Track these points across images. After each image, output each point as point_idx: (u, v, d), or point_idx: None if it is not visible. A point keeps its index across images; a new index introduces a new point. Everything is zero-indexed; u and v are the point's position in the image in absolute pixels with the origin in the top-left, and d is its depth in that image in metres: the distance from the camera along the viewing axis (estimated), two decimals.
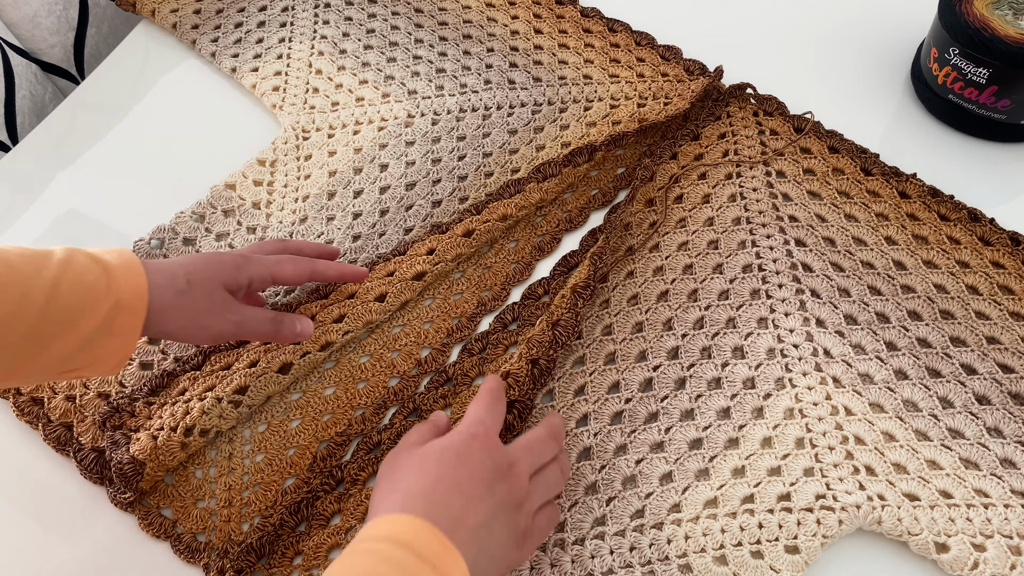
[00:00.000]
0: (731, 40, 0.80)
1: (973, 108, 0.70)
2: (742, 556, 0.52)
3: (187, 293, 0.52)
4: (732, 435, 0.57)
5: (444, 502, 0.45)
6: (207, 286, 0.53)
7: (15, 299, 0.46)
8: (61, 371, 0.49)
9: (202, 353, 0.60)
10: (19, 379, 0.49)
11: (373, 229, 0.69)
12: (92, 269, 0.49)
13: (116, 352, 0.50)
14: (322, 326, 0.61)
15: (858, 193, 0.68)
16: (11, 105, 0.82)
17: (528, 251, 0.68)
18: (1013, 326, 0.61)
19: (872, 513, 0.53)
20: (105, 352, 0.50)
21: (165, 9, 0.84)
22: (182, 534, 0.56)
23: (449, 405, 0.61)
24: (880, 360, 0.60)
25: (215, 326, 0.54)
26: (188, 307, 0.52)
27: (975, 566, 0.51)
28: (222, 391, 0.57)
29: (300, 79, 0.79)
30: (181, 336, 0.54)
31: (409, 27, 0.83)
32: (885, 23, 0.81)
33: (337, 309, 0.61)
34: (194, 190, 0.72)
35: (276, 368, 0.59)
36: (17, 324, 0.46)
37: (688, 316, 0.63)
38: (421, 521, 0.43)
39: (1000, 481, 0.54)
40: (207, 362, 0.60)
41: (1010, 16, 0.67)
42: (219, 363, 0.60)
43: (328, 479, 0.57)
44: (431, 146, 0.74)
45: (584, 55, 0.79)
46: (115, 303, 0.49)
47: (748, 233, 0.67)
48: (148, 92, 0.80)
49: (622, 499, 0.55)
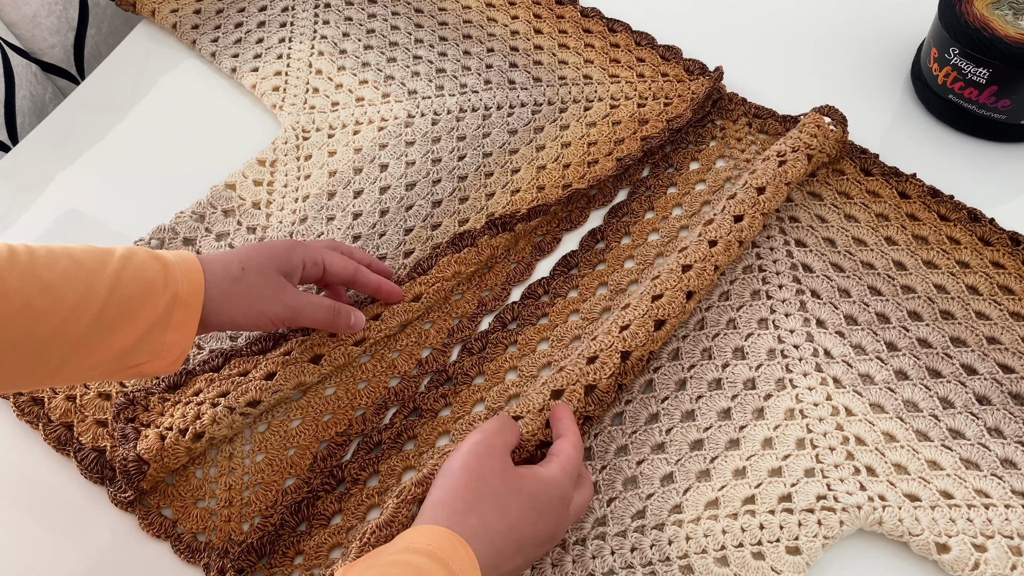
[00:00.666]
0: (731, 40, 0.80)
1: (973, 108, 0.70)
2: (743, 557, 0.52)
3: (242, 280, 0.54)
4: (733, 436, 0.57)
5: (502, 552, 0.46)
6: (262, 271, 0.55)
7: (80, 292, 0.48)
8: (124, 367, 0.51)
9: (222, 355, 0.60)
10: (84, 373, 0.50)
11: (373, 229, 0.69)
12: (151, 264, 0.51)
13: (175, 347, 0.51)
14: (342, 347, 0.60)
15: (858, 193, 0.68)
16: (11, 105, 0.82)
17: (528, 251, 0.68)
18: (1013, 326, 0.61)
19: (873, 514, 0.53)
20: (164, 347, 0.51)
21: (165, 9, 0.84)
22: (182, 534, 0.56)
23: (449, 405, 0.61)
24: (880, 360, 0.60)
25: (272, 310, 0.55)
26: (244, 293, 0.54)
27: (976, 566, 0.51)
28: (235, 401, 0.57)
29: (300, 79, 0.79)
30: (240, 323, 0.54)
31: (409, 27, 0.83)
32: (885, 23, 0.81)
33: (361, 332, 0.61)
34: (194, 190, 0.72)
35: (291, 386, 0.59)
36: (82, 316, 0.48)
37: (688, 317, 0.63)
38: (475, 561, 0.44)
39: (1001, 481, 0.54)
40: (226, 365, 0.60)
41: (1010, 16, 0.67)
42: (237, 368, 0.60)
43: (329, 479, 0.57)
44: (431, 146, 0.74)
45: (584, 55, 0.79)
46: (173, 296, 0.50)
47: None
48: (148, 92, 0.80)
49: (623, 500, 0.55)
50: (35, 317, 0.46)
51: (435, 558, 0.42)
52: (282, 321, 0.56)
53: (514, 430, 0.51)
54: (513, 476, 0.48)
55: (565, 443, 0.51)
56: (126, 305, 0.49)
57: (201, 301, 0.52)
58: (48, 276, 0.47)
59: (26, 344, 0.47)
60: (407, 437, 0.59)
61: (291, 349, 0.60)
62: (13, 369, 0.47)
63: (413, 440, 0.59)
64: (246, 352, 0.60)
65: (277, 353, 0.60)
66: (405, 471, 0.58)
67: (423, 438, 0.59)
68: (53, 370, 0.48)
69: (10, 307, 0.46)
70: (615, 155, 0.72)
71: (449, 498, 0.46)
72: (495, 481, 0.47)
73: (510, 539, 0.46)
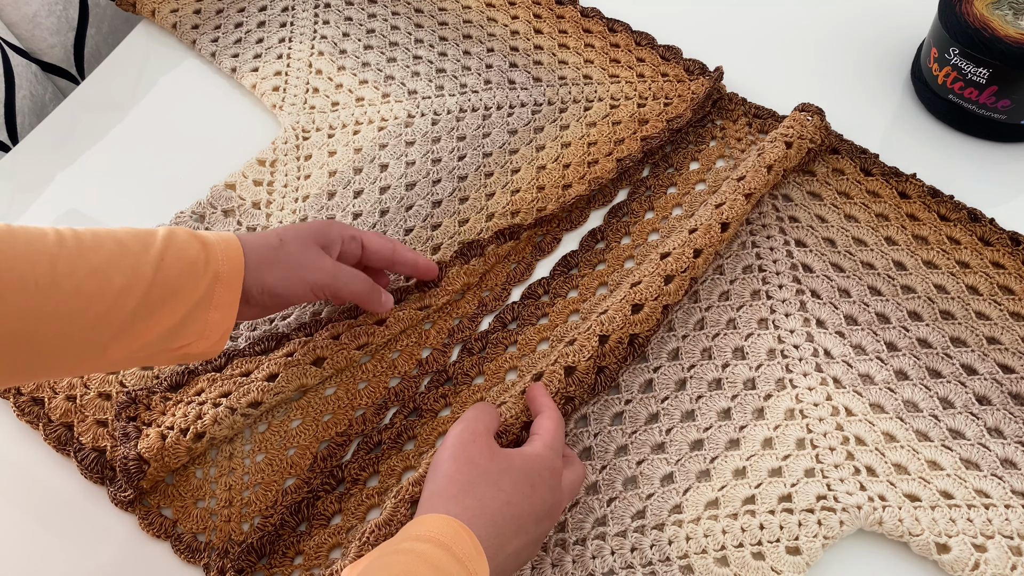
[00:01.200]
0: (731, 40, 0.80)
1: (973, 108, 0.70)
2: (743, 557, 0.52)
3: (281, 248, 0.55)
4: (733, 436, 0.57)
5: (503, 529, 0.46)
6: (300, 240, 0.56)
7: (127, 273, 0.48)
8: (169, 348, 0.51)
9: (225, 355, 0.60)
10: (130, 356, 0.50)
11: (373, 229, 0.69)
12: (192, 244, 0.51)
13: (219, 325, 0.52)
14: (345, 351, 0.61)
15: (858, 193, 0.68)
16: (11, 105, 0.82)
17: (528, 251, 0.68)
18: (1013, 326, 0.61)
19: (873, 514, 0.53)
20: (208, 326, 0.51)
21: (165, 9, 0.84)
22: (182, 534, 0.56)
23: (449, 405, 0.61)
24: (880, 360, 0.60)
25: (312, 276, 0.56)
26: (284, 260, 0.55)
27: (976, 567, 0.51)
28: (236, 402, 0.57)
29: (300, 79, 0.79)
30: (281, 292, 0.55)
31: (409, 27, 0.83)
32: (885, 23, 0.81)
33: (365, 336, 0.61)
34: (194, 190, 0.72)
35: (293, 387, 0.59)
36: (128, 297, 0.48)
37: (688, 317, 0.63)
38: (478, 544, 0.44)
39: (1001, 481, 0.55)
40: (228, 365, 0.60)
41: (1010, 16, 0.67)
42: (239, 368, 0.60)
43: (329, 479, 0.57)
44: (431, 146, 0.74)
45: (584, 55, 0.79)
46: (214, 275, 0.51)
47: (748, 234, 0.67)
48: (148, 92, 0.80)
49: (623, 500, 0.55)
50: (85, 301, 0.47)
51: (438, 544, 0.43)
52: (322, 288, 0.56)
53: (493, 414, 0.52)
54: (501, 455, 0.49)
55: (543, 419, 0.52)
56: (170, 285, 0.50)
57: (241, 278, 0.52)
58: (96, 259, 0.48)
59: (75, 329, 0.47)
60: (407, 437, 0.59)
61: (293, 350, 0.60)
62: (65, 355, 0.48)
63: (413, 440, 0.59)
64: (248, 352, 0.60)
65: (279, 354, 0.60)
66: (405, 471, 0.58)
67: (423, 438, 0.59)
68: (99, 353, 0.49)
69: (61, 293, 0.46)
70: (615, 155, 0.72)
71: (442, 486, 0.47)
72: (484, 462, 0.48)
73: (509, 515, 0.46)
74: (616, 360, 0.59)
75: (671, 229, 0.68)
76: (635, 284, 0.60)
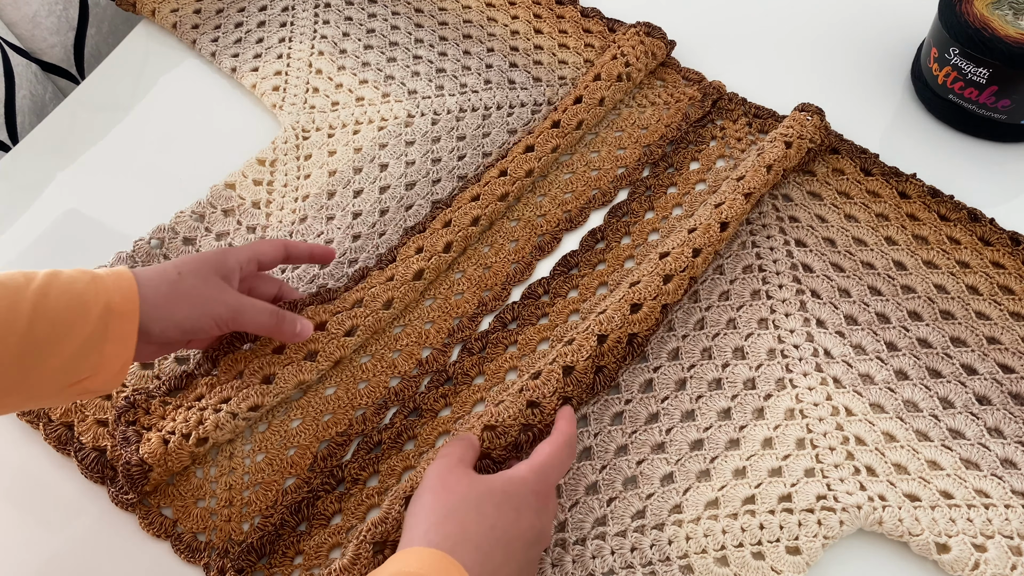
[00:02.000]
0: (731, 40, 0.80)
1: (973, 108, 0.70)
2: (743, 557, 0.52)
3: (180, 283, 0.53)
4: (733, 436, 0.57)
5: (490, 555, 0.45)
6: (199, 273, 0.54)
7: (2, 311, 0.47)
8: (67, 384, 0.50)
9: (210, 359, 0.60)
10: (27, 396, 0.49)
11: (373, 229, 0.69)
12: (79, 278, 0.50)
13: (116, 358, 0.50)
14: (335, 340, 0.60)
15: (858, 193, 0.68)
16: (11, 105, 0.82)
17: (528, 251, 0.68)
18: (1013, 326, 0.61)
19: (873, 514, 0.53)
20: (105, 359, 0.50)
21: (165, 9, 0.84)
22: (182, 534, 0.56)
23: (449, 405, 0.61)
24: (880, 360, 0.60)
25: (215, 310, 0.54)
26: (185, 295, 0.53)
27: (976, 566, 0.51)
28: (237, 407, 0.57)
29: (300, 79, 0.79)
30: (185, 326, 0.53)
31: (409, 27, 0.83)
32: (885, 23, 0.81)
33: (349, 320, 0.61)
34: (194, 190, 0.72)
35: (292, 386, 0.59)
36: (8, 335, 0.47)
37: (688, 317, 0.63)
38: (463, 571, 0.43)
39: (1001, 481, 0.55)
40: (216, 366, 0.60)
41: (1010, 16, 0.67)
42: (231, 370, 0.59)
43: (329, 479, 0.57)
44: (431, 146, 0.74)
45: (584, 55, 0.79)
46: (105, 306, 0.49)
47: (748, 234, 0.67)
48: (148, 92, 0.80)
49: (623, 499, 0.55)
50: None
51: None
52: (226, 323, 0.55)
53: (470, 445, 0.52)
54: (480, 480, 0.48)
55: (544, 442, 0.51)
56: (57, 318, 0.48)
57: (137, 309, 0.50)
58: None
59: None
60: (407, 437, 0.59)
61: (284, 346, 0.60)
62: None
63: (413, 440, 0.59)
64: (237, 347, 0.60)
65: (268, 350, 0.60)
66: (405, 471, 0.58)
67: (423, 438, 0.59)
68: None
69: None
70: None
71: (421, 518, 0.46)
72: (463, 489, 0.47)
73: (494, 540, 0.45)
74: (615, 360, 0.59)
75: (671, 229, 0.68)
76: (634, 284, 0.60)
